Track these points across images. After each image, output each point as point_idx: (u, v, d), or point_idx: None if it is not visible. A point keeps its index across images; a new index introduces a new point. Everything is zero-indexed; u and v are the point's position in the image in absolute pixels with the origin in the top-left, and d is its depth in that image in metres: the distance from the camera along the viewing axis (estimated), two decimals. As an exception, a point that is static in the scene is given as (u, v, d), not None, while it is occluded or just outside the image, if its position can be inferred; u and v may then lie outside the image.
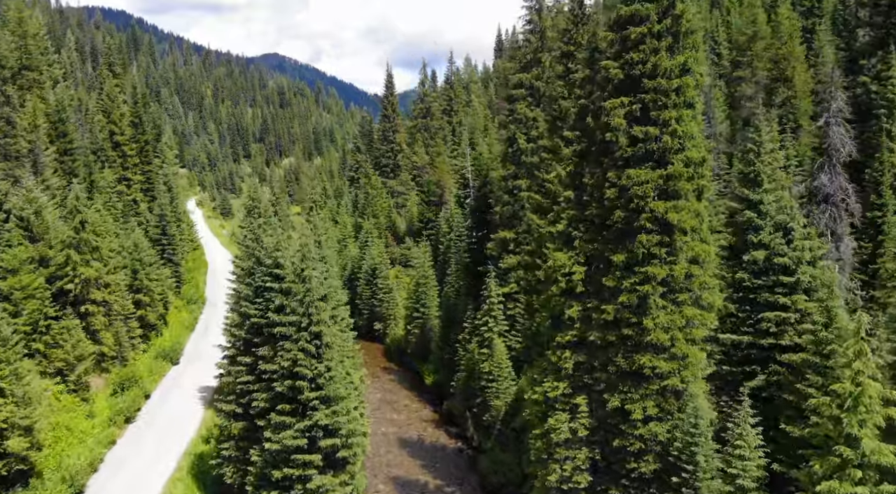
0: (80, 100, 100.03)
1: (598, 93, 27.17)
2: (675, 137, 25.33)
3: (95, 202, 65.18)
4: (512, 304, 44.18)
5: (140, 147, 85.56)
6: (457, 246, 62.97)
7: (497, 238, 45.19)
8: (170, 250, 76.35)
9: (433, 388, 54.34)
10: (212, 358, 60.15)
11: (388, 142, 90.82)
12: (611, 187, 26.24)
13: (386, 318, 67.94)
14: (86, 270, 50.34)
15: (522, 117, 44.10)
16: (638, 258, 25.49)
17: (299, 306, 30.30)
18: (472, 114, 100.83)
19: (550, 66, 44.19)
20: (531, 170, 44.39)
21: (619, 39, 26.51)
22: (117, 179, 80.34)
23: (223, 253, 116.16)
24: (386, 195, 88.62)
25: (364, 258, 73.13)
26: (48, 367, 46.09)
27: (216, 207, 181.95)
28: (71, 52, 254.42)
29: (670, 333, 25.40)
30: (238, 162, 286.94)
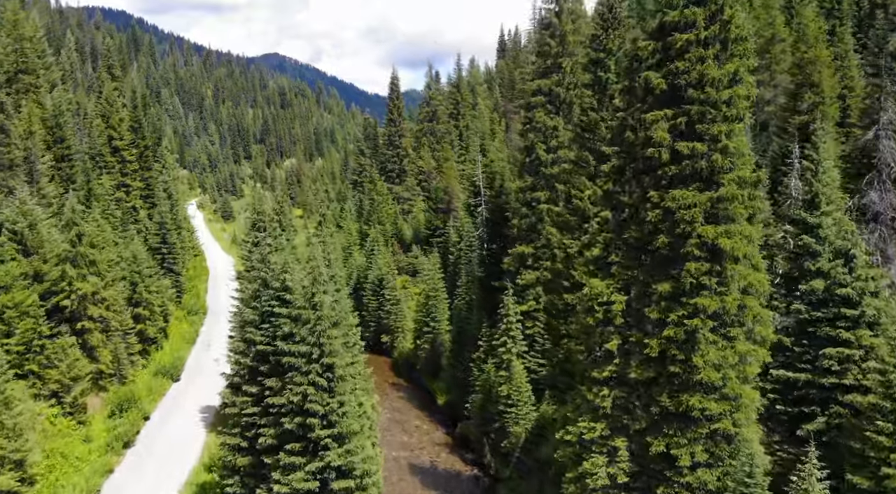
0: (78, 103, 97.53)
1: (639, 105, 24.74)
2: (725, 155, 22.92)
3: (93, 211, 62.90)
4: (531, 322, 41.76)
5: (140, 152, 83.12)
6: (467, 256, 60.55)
7: (514, 253, 42.75)
8: (170, 259, 73.94)
9: (445, 409, 51.87)
10: (213, 374, 57.73)
11: (394, 147, 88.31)
12: (653, 208, 23.83)
13: (394, 331, 65.49)
14: (82, 285, 47.96)
15: (541, 126, 41.66)
16: (685, 288, 23.07)
17: (309, 335, 27.88)
18: (479, 117, 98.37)
19: (572, 72, 41.76)
20: (551, 182, 41.98)
21: (661, 47, 24.12)
22: (116, 186, 77.97)
23: (224, 258, 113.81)
24: (392, 201, 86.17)
25: (370, 267, 70.70)
26: (42, 389, 43.68)
27: (217, 210, 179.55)
28: (71, 53, 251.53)
29: (722, 371, 22.98)
30: (239, 163, 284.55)
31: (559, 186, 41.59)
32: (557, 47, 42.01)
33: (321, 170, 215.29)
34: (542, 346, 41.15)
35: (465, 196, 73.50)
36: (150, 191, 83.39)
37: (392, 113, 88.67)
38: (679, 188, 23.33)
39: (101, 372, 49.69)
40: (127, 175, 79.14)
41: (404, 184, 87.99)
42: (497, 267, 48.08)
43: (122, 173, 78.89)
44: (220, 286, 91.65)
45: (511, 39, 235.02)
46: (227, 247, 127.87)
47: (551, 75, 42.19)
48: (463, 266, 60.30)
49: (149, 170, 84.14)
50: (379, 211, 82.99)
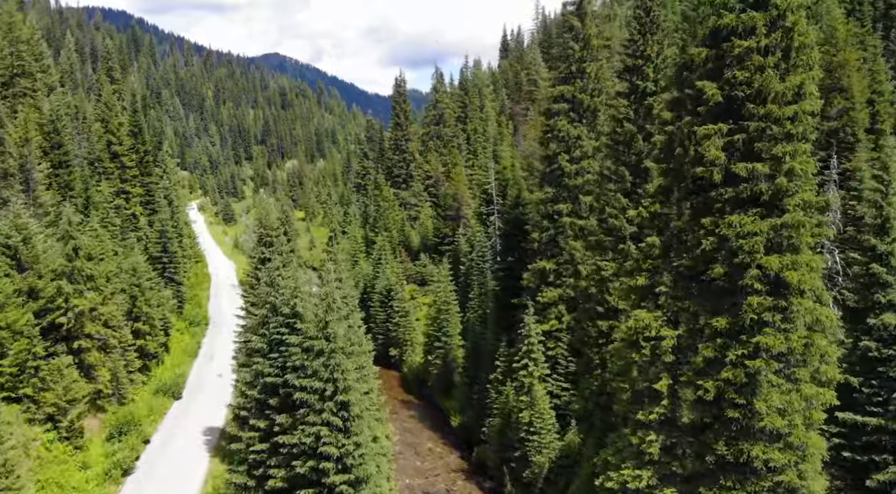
0: (76, 107, 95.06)
1: (689, 118, 22.32)
2: (791, 178, 20.52)
3: (91, 220, 60.59)
4: (553, 343, 39.35)
5: (140, 157, 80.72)
6: (479, 267, 58.14)
7: (534, 268, 40.33)
8: (171, 268, 71.57)
9: (460, 431, 49.39)
10: (216, 390, 55.44)
11: (401, 152, 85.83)
12: (707, 235, 21.41)
13: (402, 344, 63.02)
14: (79, 302, 45.53)
15: (564, 134, 39.24)
16: (745, 324, 20.66)
17: (323, 369, 25.47)
18: (486, 119, 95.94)
19: (596, 78, 39.36)
20: (574, 194, 39.57)
21: (714, 55, 21.72)
22: (115, 192, 75.60)
23: (226, 264, 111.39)
24: (398, 207, 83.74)
25: (378, 276, 68.29)
26: (37, 413, 41.25)
27: (218, 212, 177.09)
28: (70, 54, 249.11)
29: (787, 417, 20.58)
30: (240, 164, 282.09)
31: (583, 198, 39.22)
32: (581, 51, 39.58)
33: (323, 172, 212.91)
34: (565, 369, 38.75)
35: (475, 203, 71.01)
36: (150, 196, 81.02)
37: (398, 116, 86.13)
38: (736, 213, 20.90)
39: (99, 392, 47.31)
40: (126, 181, 76.75)
41: (411, 190, 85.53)
42: (513, 282, 45.68)
43: (122, 179, 76.51)
44: (222, 294, 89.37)
45: (514, 39, 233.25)
46: (229, 251, 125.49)
47: (574, 81, 39.77)
48: (475, 277, 57.88)
49: (149, 175, 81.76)
50: (385, 217, 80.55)
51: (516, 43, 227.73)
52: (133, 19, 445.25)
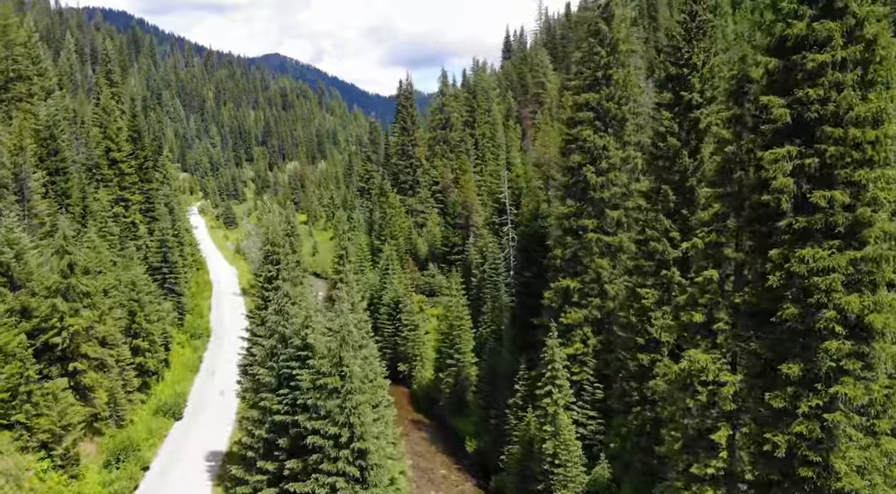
0: (75, 111, 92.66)
1: (751, 136, 19.92)
2: (874, 207, 18.11)
3: (89, 230, 58.28)
4: (577, 367, 36.96)
5: (139, 163, 78.36)
6: (492, 280, 55.73)
7: (557, 287, 37.91)
8: (171, 279, 69.13)
9: (476, 457, 46.91)
10: (218, 409, 53.00)
11: (407, 157, 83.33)
12: (774, 270, 19.00)
13: (412, 359, 60.53)
14: (75, 321, 43.07)
15: (590, 145, 36.84)
16: (821, 372, 18.26)
17: (338, 411, 23.07)
18: (493, 123, 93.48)
19: (624, 85, 36.97)
20: (600, 208, 37.18)
21: (782, 68, 19.29)
22: (114, 200, 73.18)
23: (228, 270, 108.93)
24: (405, 214, 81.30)
25: (385, 287, 65.83)
26: (30, 440, 38.86)
27: (219, 216, 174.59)
28: (70, 55, 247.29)
29: (867, 477, 18.20)
30: (240, 166, 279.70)
31: (610, 213, 36.84)
32: (607, 57, 37.18)
33: (325, 174, 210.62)
34: (591, 396, 36.35)
35: (486, 212, 68.65)
36: (150, 204, 78.67)
37: (405, 121, 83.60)
38: (809, 245, 18.50)
39: (95, 414, 44.95)
40: (126, 188, 74.33)
41: (418, 196, 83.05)
42: (532, 300, 43.33)
43: (121, 187, 74.10)
44: (224, 303, 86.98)
45: (517, 40, 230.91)
46: (231, 256, 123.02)
47: (600, 88, 37.37)
48: (488, 290, 55.47)
49: (149, 182, 79.41)
50: (392, 224, 78.12)
51: (519, 44, 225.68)
52: (133, 20, 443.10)
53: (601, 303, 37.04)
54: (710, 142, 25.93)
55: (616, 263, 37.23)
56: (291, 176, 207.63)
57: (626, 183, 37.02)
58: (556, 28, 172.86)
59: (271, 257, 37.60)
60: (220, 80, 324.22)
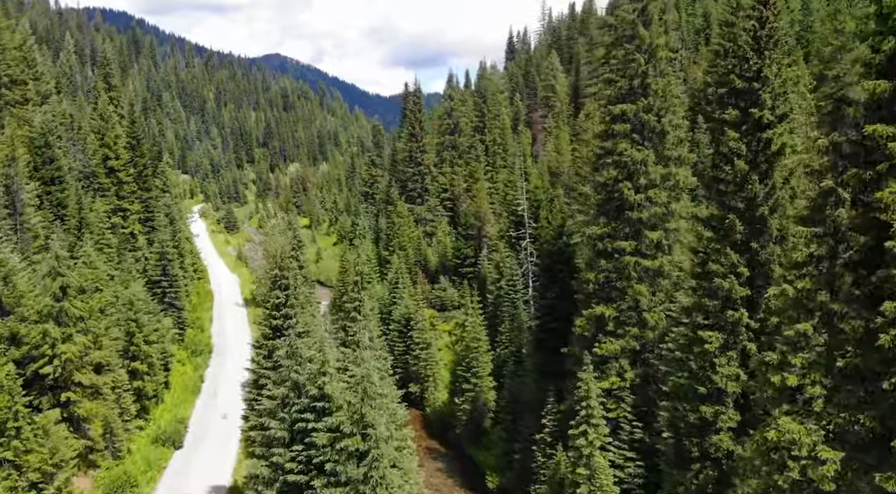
0: (72, 116, 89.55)
1: (854, 170, 16.79)
2: None
3: (85, 244, 55.21)
4: (613, 403, 33.87)
5: (138, 171, 75.27)
6: (510, 297, 52.63)
7: (590, 315, 34.79)
8: (171, 293, 66.05)
9: (497, 493, 43.80)
10: (221, 436, 49.83)
11: (416, 164, 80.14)
12: (886, 327, 15.90)
13: (424, 380, 57.32)
14: (67, 348, 40.00)
15: (627, 160, 33.74)
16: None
17: (360, 480, 19.95)
18: (503, 128, 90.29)
19: (664, 96, 33.86)
20: (637, 229, 34.08)
21: (893, 90, 16.17)
22: (112, 210, 70.11)
23: (229, 278, 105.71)
24: (413, 223, 78.18)
25: (395, 302, 62.67)
26: (19, 480, 35.73)
27: (220, 220, 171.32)
28: (70, 56, 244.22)
29: None
30: (241, 167, 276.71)
31: (649, 234, 33.72)
32: (645, 65, 34.07)
33: (327, 177, 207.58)
34: (629, 435, 33.26)
35: (499, 223, 65.55)
36: (149, 213, 75.59)
37: (412, 126, 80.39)
38: (933, 299, 15.41)
39: (90, 447, 41.89)
40: (124, 198, 71.25)
41: (426, 205, 79.92)
42: (557, 323, 40.32)
43: (119, 196, 71.02)
44: (226, 314, 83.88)
45: (520, 40, 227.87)
46: (232, 263, 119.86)
47: (636, 98, 34.26)
48: (506, 308, 52.39)
49: (148, 190, 76.34)
50: (400, 234, 74.99)
51: (523, 44, 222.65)
52: (133, 20, 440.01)
53: (639, 333, 33.94)
54: (783, 166, 22.80)
55: (655, 289, 34.16)
56: (293, 179, 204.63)
57: (667, 202, 33.92)
58: (561, 29, 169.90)
59: (280, 282, 34.43)
60: (220, 81, 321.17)
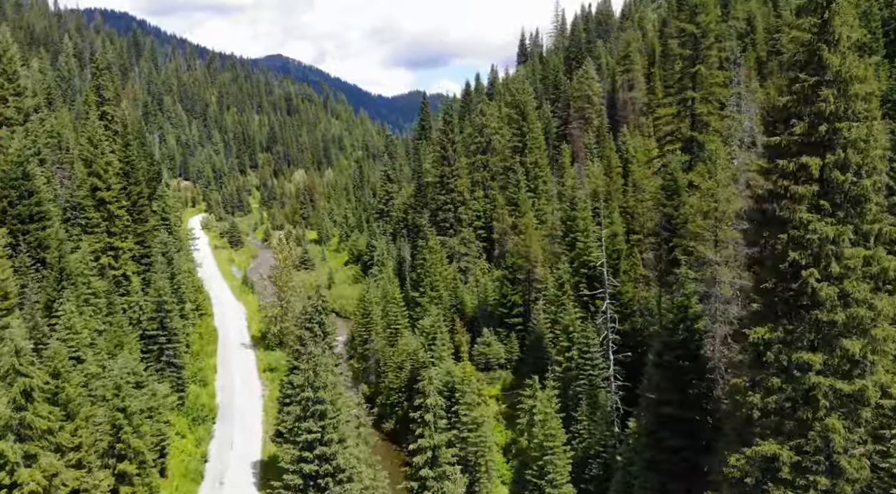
0: (59, 134, 79.01)
1: None
2: None
3: (65, 302, 45.11)
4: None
5: (132, 202, 64.81)
6: (587, 375, 42.19)
7: (754, 453, 24.38)
8: (169, 350, 55.64)
9: None
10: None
11: (447, 191, 69.40)
12: None
13: (474, 468, 46.36)
14: (31, 475, 29.66)
15: (814, 238, 23.28)
16: None
17: None
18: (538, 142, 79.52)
19: (863, 149, 23.42)
20: (830, 336, 23.66)
21: None
22: (102, 249, 59.72)
23: (234, 308, 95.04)
24: (445, 258, 67.59)
25: (434, 362, 52.13)
26: None
27: (223, 234, 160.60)
28: (69, 59, 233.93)
29: None
30: (245, 173, 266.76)
31: (846, 344, 23.30)
32: (834, 103, 23.57)
33: (333, 185, 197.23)
34: None
35: (548, 264, 55.07)
36: (145, 248, 65.17)
37: (444, 149, 69.53)
38: None
39: None
40: (115, 235, 60.75)
41: (459, 236, 69.47)
42: (680, 440, 29.97)
43: (109, 232, 60.54)
44: (232, 360, 73.44)
45: (532, 42, 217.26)
46: (237, 287, 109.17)
47: (823, 150, 23.82)
48: (582, 387, 41.95)
49: (144, 222, 65.82)
50: (432, 272, 64.48)
51: (535, 46, 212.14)
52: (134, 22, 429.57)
53: (830, 486, 23.57)
54: None
55: (853, 423, 23.79)
56: (300, 189, 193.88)
57: (870, 298, 23.53)
58: (579, 32, 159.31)
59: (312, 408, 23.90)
60: (223, 84, 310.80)
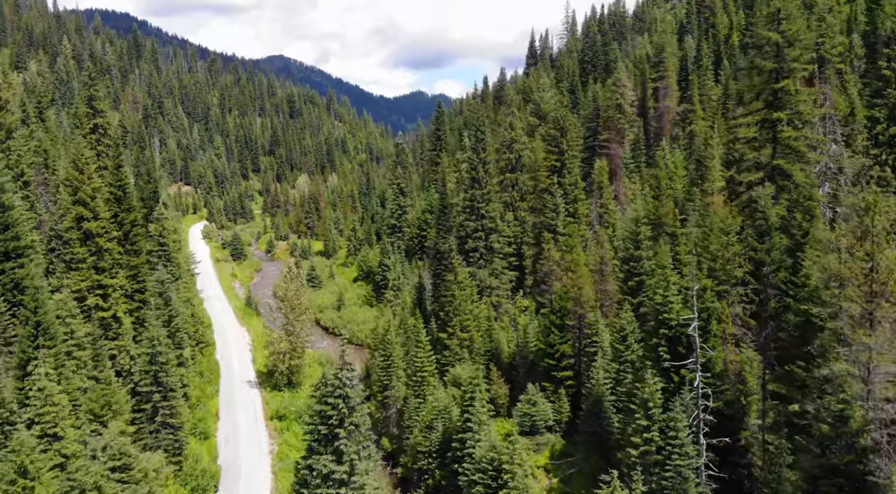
0: (46, 152, 71.09)
1: None
2: None
3: (41, 363, 37.58)
4: None
5: (125, 231, 56.91)
6: (674, 466, 34.24)
7: None
8: (165, 408, 47.72)
9: None
10: None
11: (478, 217, 61.28)
12: None
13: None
14: None
15: None
16: None
17: None
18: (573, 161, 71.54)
19: None
20: None
21: None
22: (89, 288, 51.92)
23: (238, 337, 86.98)
24: (475, 291, 59.56)
25: (469, 428, 44.05)
26: None
27: (225, 245, 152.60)
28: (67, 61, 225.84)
29: None
30: (247, 177, 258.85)
31: None
32: None
33: (339, 193, 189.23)
34: None
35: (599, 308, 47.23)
36: (139, 283, 57.28)
37: (475, 171, 61.24)
38: None
39: None
40: (104, 271, 52.86)
41: (490, 267, 61.55)
42: None
43: (97, 268, 52.66)
44: (236, 400, 65.68)
45: (542, 43, 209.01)
46: (241, 308, 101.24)
47: None
48: (668, 479, 34.06)
49: (137, 254, 57.88)
50: (461, 311, 56.59)
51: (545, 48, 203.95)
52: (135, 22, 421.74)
53: None
54: None
55: None
56: (304, 197, 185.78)
57: None
58: (594, 35, 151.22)
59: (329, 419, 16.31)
60: (224, 86, 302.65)
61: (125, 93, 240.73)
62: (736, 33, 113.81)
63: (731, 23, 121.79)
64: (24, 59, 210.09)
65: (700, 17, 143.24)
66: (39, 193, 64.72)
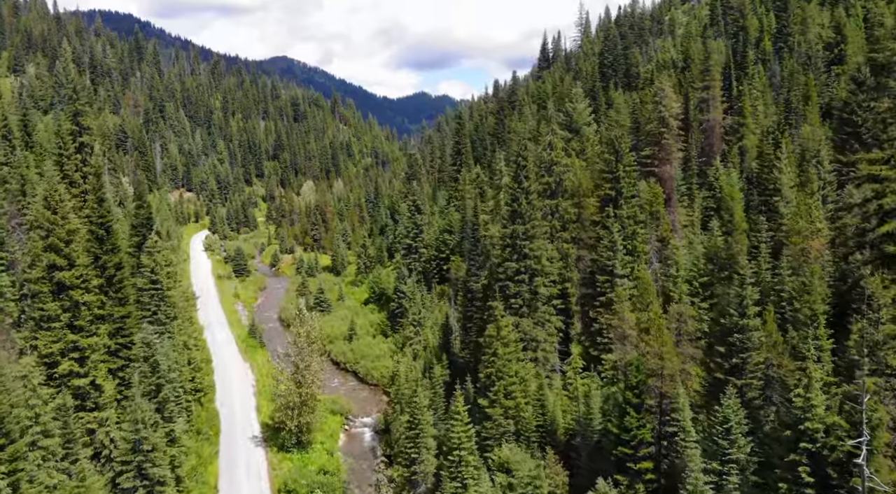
0: (23, 178, 61.50)
1: None
2: None
3: None
4: None
5: (108, 277, 47.49)
6: None
7: None
8: (154, 508, 38.37)
9: None
10: None
11: (521, 257, 51.58)
12: None
13: None
14: None
15: None
16: None
17: None
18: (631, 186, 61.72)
19: None
20: None
21: None
22: (62, 350, 42.55)
23: (241, 376, 77.37)
24: (519, 345, 49.99)
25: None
26: None
27: (228, 259, 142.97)
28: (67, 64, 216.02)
29: None
30: (250, 183, 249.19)
31: None
32: None
33: (346, 201, 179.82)
34: None
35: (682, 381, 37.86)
36: (124, 337, 47.80)
37: (516, 202, 51.66)
38: None
39: None
40: (81, 330, 43.43)
41: (535, 316, 52.21)
42: None
43: (72, 327, 43.24)
44: (239, 465, 56.34)
45: (554, 44, 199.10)
46: (244, 340, 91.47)
47: None
48: None
49: (124, 303, 48.42)
50: (506, 373, 47.21)
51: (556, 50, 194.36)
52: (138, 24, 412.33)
53: None
54: None
55: None
56: (310, 207, 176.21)
57: None
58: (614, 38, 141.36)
59: None
60: (227, 89, 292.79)
61: (126, 97, 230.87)
62: (767, 36, 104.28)
63: (762, 25, 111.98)
64: (23, 61, 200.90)
65: (726, 18, 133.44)
66: (12, 228, 55.35)
